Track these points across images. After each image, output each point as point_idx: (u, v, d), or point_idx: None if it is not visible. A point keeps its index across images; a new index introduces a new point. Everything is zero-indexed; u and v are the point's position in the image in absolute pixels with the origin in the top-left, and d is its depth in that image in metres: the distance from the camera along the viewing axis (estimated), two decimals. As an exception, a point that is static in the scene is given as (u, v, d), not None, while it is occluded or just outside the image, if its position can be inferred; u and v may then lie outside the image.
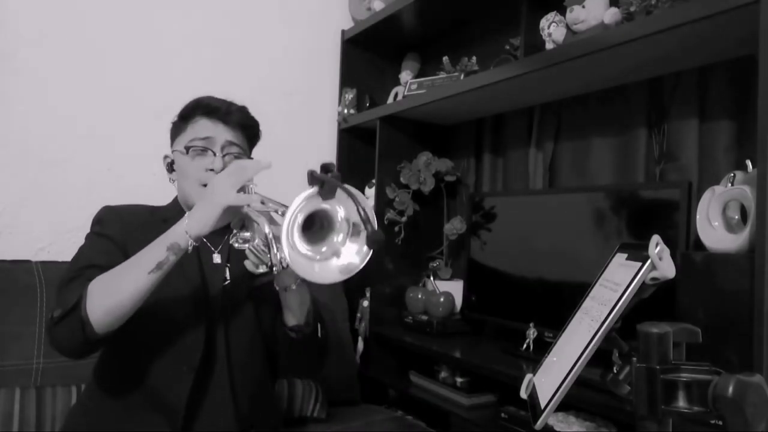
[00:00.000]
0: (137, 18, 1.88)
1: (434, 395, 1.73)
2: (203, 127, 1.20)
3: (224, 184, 0.99)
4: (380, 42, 2.23)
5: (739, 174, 1.13)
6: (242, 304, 1.21)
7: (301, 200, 0.87)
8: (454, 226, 1.92)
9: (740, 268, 1.02)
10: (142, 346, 1.12)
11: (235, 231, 1.04)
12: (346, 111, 2.18)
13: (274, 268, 0.95)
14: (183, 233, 0.99)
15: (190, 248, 1.00)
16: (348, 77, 2.25)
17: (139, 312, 1.03)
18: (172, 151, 1.24)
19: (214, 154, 1.18)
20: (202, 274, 1.19)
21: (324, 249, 0.91)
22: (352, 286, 2.09)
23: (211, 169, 1.17)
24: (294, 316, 1.15)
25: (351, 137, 2.24)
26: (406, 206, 1.96)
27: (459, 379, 1.71)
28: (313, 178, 0.88)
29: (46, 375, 1.43)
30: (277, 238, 0.90)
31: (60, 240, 1.74)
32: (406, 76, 2.19)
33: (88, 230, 1.22)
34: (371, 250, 0.91)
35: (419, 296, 1.93)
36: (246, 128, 1.25)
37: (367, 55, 2.29)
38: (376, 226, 0.89)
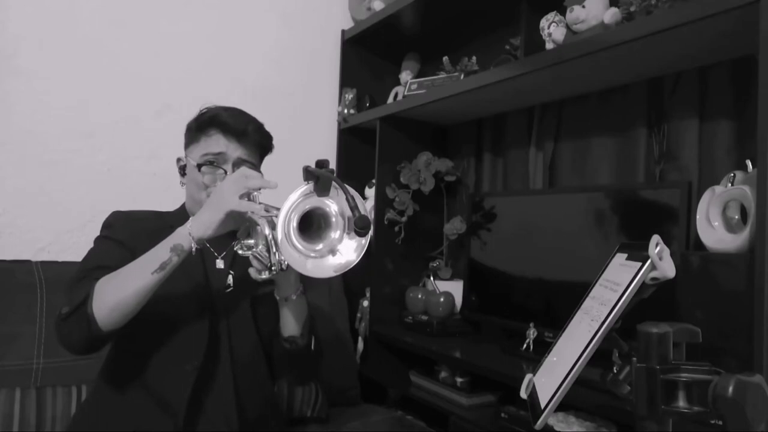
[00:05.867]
0: (137, 18, 1.88)
1: (434, 395, 1.73)
2: (217, 143, 1.20)
3: (228, 190, 1.02)
4: (380, 42, 2.23)
5: (739, 174, 1.13)
6: (244, 310, 1.23)
7: (296, 197, 0.91)
8: (454, 226, 1.92)
9: (740, 268, 1.02)
10: (147, 346, 1.14)
11: (240, 239, 1.08)
12: (346, 111, 2.18)
13: (273, 268, 0.98)
14: (186, 235, 1.02)
15: (193, 250, 1.03)
16: (348, 77, 2.25)
17: (145, 313, 1.05)
18: (186, 157, 1.25)
19: (225, 172, 1.19)
20: (206, 277, 1.21)
21: (320, 246, 0.95)
22: (352, 286, 2.10)
23: None
24: (291, 327, 1.18)
25: (351, 137, 2.24)
26: (406, 206, 1.96)
27: (459, 379, 1.71)
28: (308, 174, 0.92)
29: (46, 375, 1.43)
30: (276, 240, 0.93)
31: (60, 240, 1.74)
32: (406, 76, 2.18)
33: (87, 230, 1.23)
34: (366, 245, 0.95)
35: (419, 296, 1.93)
36: (260, 146, 1.27)
37: (367, 55, 2.29)
38: (365, 213, 0.91)
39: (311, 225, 0.95)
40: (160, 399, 1.11)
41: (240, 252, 1.08)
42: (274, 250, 0.95)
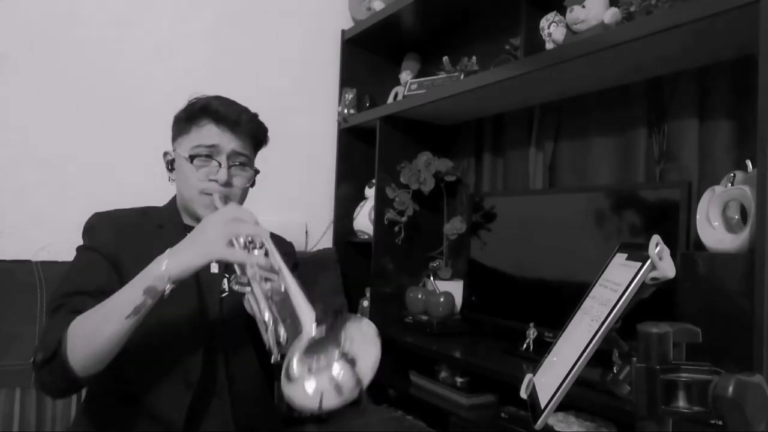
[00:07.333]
0: (137, 18, 1.88)
1: (434, 395, 1.73)
2: (209, 134, 1.14)
3: (216, 233, 0.94)
4: (380, 42, 2.23)
5: (739, 174, 1.13)
6: (239, 315, 1.17)
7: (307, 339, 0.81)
8: (454, 226, 1.92)
9: (740, 268, 1.02)
10: (139, 360, 1.08)
11: (234, 275, 1.00)
12: (346, 111, 2.18)
13: (276, 357, 0.88)
14: (162, 275, 0.93)
15: (167, 292, 0.94)
16: (348, 77, 2.25)
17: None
18: (174, 150, 1.20)
19: (219, 165, 1.14)
20: (198, 284, 1.15)
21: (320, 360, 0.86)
22: (352, 286, 2.09)
23: (215, 180, 1.13)
24: None
25: (351, 137, 2.24)
26: (406, 206, 1.96)
27: (459, 379, 1.71)
28: (323, 317, 0.83)
29: (46, 375, 1.43)
30: (277, 320, 0.86)
31: (60, 240, 1.73)
32: (406, 76, 2.18)
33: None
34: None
35: (419, 296, 1.93)
36: (254, 137, 1.21)
37: (367, 55, 2.29)
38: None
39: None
40: (156, 415, 1.07)
41: (235, 288, 0.99)
42: (269, 335, 0.88)
